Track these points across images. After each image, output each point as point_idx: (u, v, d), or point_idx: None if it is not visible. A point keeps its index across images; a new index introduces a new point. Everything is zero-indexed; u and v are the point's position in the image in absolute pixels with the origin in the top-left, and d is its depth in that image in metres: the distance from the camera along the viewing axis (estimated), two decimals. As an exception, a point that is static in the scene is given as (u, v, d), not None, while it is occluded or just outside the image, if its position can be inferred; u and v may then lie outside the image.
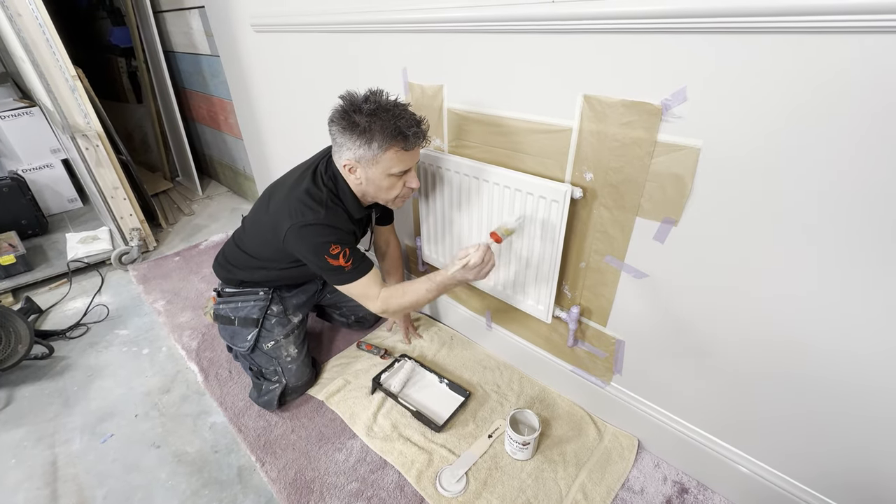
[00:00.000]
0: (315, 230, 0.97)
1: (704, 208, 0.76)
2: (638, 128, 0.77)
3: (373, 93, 0.93)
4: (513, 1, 0.83)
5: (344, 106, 0.93)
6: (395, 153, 0.93)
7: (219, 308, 1.26)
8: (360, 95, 0.93)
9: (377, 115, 0.89)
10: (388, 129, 0.89)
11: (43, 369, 1.40)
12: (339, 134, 0.94)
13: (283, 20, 1.41)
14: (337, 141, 0.96)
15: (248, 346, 1.22)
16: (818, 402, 0.77)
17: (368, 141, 0.91)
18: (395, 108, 0.91)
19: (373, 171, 0.95)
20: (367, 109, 0.90)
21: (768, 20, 0.58)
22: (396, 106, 0.92)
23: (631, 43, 0.73)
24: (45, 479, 1.08)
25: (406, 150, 0.93)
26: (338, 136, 0.95)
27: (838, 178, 0.61)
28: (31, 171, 2.28)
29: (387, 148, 0.91)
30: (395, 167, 0.95)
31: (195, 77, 2.38)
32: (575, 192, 0.89)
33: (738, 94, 0.65)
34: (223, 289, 1.27)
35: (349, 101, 0.93)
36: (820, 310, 0.70)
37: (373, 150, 0.92)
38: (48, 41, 1.57)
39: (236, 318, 1.23)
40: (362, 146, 0.92)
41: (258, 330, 1.22)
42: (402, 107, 0.92)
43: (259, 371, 1.23)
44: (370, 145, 0.91)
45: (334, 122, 0.94)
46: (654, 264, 0.87)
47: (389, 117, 0.89)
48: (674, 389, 0.98)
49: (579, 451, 1.08)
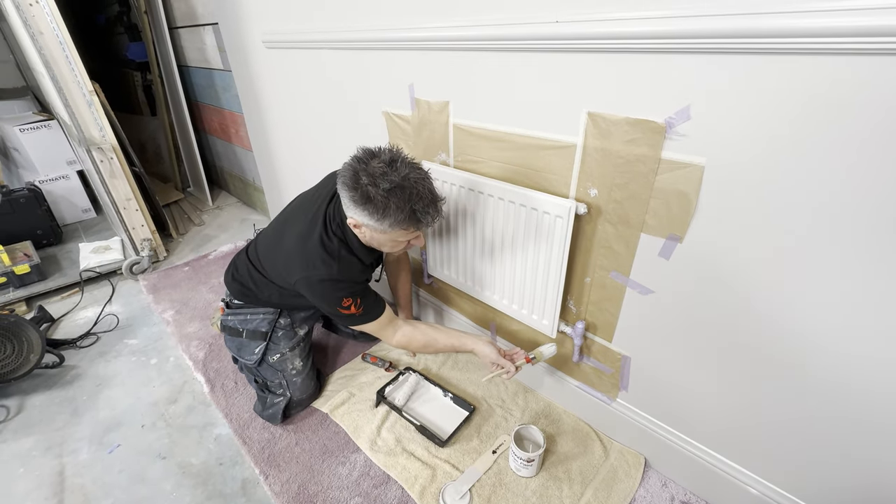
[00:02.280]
0: (327, 286, 0.99)
1: (710, 225, 0.75)
2: (642, 145, 0.78)
3: (391, 161, 0.86)
4: (518, 20, 0.84)
5: (358, 171, 0.85)
6: (406, 230, 0.91)
7: (227, 319, 1.27)
8: (375, 165, 0.85)
9: (393, 195, 0.84)
10: (404, 212, 0.85)
11: (53, 378, 1.42)
12: (349, 199, 0.88)
13: (292, 37, 1.45)
14: (345, 202, 0.91)
15: (255, 358, 1.22)
16: (831, 423, 0.75)
17: (380, 219, 0.87)
18: (414, 187, 0.85)
19: (379, 237, 0.94)
20: (383, 187, 0.84)
21: (768, 41, 0.58)
22: (416, 182, 0.85)
23: (634, 62, 0.73)
24: (53, 489, 1.09)
25: (418, 230, 0.93)
26: (347, 200, 0.89)
27: (840, 188, 0.61)
28: (48, 182, 2.33)
29: (399, 228, 0.90)
30: (404, 238, 0.95)
31: (208, 91, 2.43)
32: (579, 208, 0.89)
33: (740, 112, 0.65)
34: (232, 300, 1.28)
35: (364, 168, 0.85)
36: (832, 323, 0.69)
37: (383, 225, 0.88)
38: (67, 58, 1.62)
39: (244, 331, 1.23)
40: (372, 218, 0.87)
41: (266, 343, 1.22)
42: (421, 182, 0.87)
43: (264, 384, 1.23)
44: (381, 222, 0.87)
45: (346, 187, 0.87)
46: (659, 280, 0.87)
47: (406, 198, 0.85)
48: (681, 407, 0.96)
49: (585, 468, 1.06)
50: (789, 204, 0.66)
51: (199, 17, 2.06)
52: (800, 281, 0.69)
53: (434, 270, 1.36)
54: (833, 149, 0.59)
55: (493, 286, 1.17)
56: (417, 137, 1.21)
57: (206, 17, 2.00)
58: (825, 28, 0.53)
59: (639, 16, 0.69)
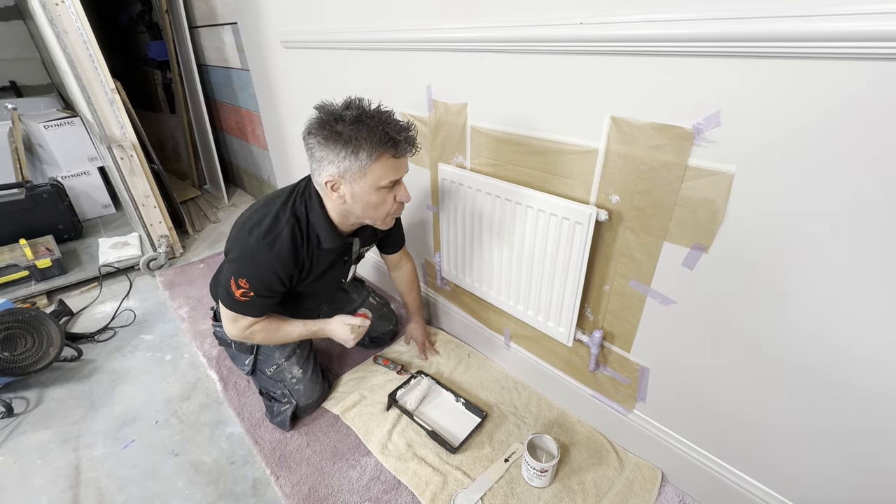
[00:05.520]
0: (248, 254, 0.92)
1: (737, 234, 0.73)
2: (668, 151, 0.75)
3: (352, 100, 0.85)
4: (541, 22, 0.82)
5: (322, 116, 0.84)
6: (385, 162, 0.85)
7: (217, 330, 1.28)
8: (338, 104, 0.85)
9: (362, 122, 0.81)
10: (376, 135, 0.81)
11: (71, 371, 1.44)
12: (318, 147, 0.84)
13: (309, 37, 1.45)
14: (316, 156, 0.85)
15: (247, 369, 1.24)
16: (861, 441, 0.72)
17: (355, 150, 0.82)
18: (380, 115, 0.84)
19: (360, 185, 0.86)
20: (349, 117, 0.81)
21: (807, 45, 0.56)
22: (381, 112, 0.84)
23: (660, 65, 0.71)
24: (69, 482, 1.10)
25: (396, 158, 0.86)
26: (317, 150, 0.85)
27: (883, 199, 0.57)
28: (70, 177, 2.38)
29: (377, 157, 0.83)
30: (385, 178, 0.86)
31: (225, 89, 2.45)
32: (600, 215, 0.87)
33: (774, 119, 0.62)
34: (217, 310, 1.25)
35: (327, 110, 0.84)
36: (871, 334, 0.66)
37: (360, 160, 0.83)
38: (91, 57, 1.65)
39: (232, 343, 1.22)
40: (348, 157, 0.82)
41: (254, 356, 1.22)
42: (387, 113, 0.85)
43: (268, 394, 1.23)
44: (357, 155, 0.82)
45: (313, 134, 0.84)
46: (682, 291, 0.84)
47: (376, 123, 0.82)
48: (702, 420, 0.93)
49: (599, 480, 1.04)
50: (823, 214, 0.63)
51: (219, 16, 2.08)
52: (833, 292, 0.66)
53: (448, 274, 1.35)
54: (877, 159, 0.56)
55: (508, 291, 1.16)
56: (434, 139, 1.20)
57: (226, 17, 2.02)
58: (869, 32, 0.51)
59: (667, 18, 0.66)
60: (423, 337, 1.44)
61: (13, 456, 1.17)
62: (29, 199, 2.02)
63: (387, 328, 1.47)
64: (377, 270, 1.80)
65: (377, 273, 1.81)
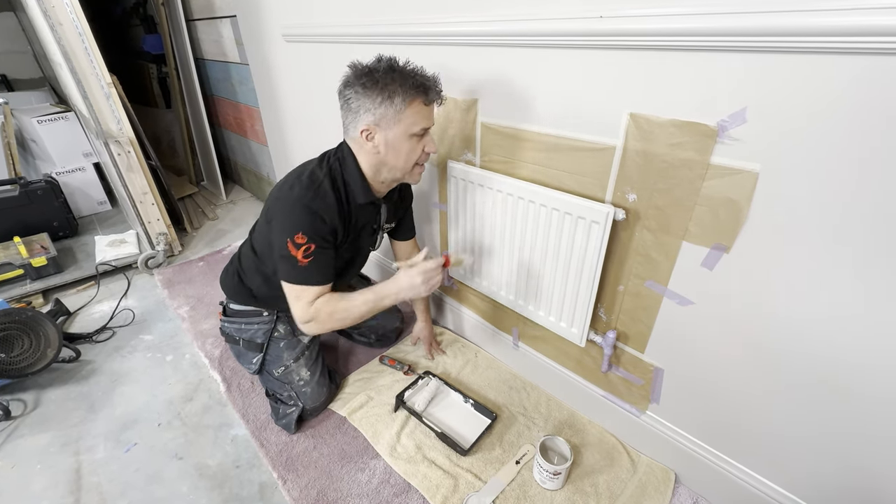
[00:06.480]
0: (297, 208, 0.92)
1: (760, 235, 0.71)
2: (689, 149, 0.73)
3: (382, 56, 0.90)
4: (558, 15, 0.80)
5: (357, 70, 0.90)
6: (417, 108, 0.89)
7: (224, 326, 1.26)
8: (364, 63, 0.91)
9: (395, 70, 0.88)
10: (409, 81, 0.87)
11: (69, 373, 1.41)
12: (356, 97, 0.89)
13: (313, 31, 1.41)
14: (353, 106, 0.91)
15: (253, 368, 1.22)
16: (879, 447, 0.71)
17: (391, 96, 0.87)
18: (408, 66, 0.90)
19: (393, 132, 0.91)
20: (383, 68, 0.88)
21: (839, 40, 0.54)
22: (408, 64, 0.90)
23: (682, 61, 0.69)
24: (69, 488, 1.07)
25: (426, 105, 0.91)
26: (354, 101, 0.90)
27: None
28: (64, 173, 2.33)
29: (410, 102, 0.88)
30: (417, 125, 0.91)
31: (224, 84, 2.41)
32: (618, 214, 0.85)
33: (803, 116, 0.61)
34: (228, 305, 1.26)
35: (359, 66, 0.91)
36: (886, 340, 0.64)
37: (395, 105, 0.88)
38: (86, 50, 1.60)
39: (241, 340, 1.22)
40: (384, 103, 0.88)
41: (263, 354, 1.20)
42: (413, 66, 0.91)
43: (274, 395, 1.21)
44: (392, 101, 0.87)
45: (350, 85, 0.90)
46: (700, 292, 0.83)
47: (408, 73, 0.88)
48: (717, 422, 0.92)
49: (612, 482, 1.03)
50: (849, 216, 0.61)
51: (217, 9, 2.03)
52: (858, 297, 0.64)
53: (456, 273, 1.33)
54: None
55: (518, 291, 1.14)
56: (443, 135, 1.17)
57: (224, 10, 1.97)
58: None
59: (690, 11, 0.64)
60: (430, 336, 1.42)
61: (11, 460, 1.14)
62: (23, 196, 1.98)
63: (393, 325, 1.46)
64: (382, 270, 1.78)
65: (382, 273, 1.79)
